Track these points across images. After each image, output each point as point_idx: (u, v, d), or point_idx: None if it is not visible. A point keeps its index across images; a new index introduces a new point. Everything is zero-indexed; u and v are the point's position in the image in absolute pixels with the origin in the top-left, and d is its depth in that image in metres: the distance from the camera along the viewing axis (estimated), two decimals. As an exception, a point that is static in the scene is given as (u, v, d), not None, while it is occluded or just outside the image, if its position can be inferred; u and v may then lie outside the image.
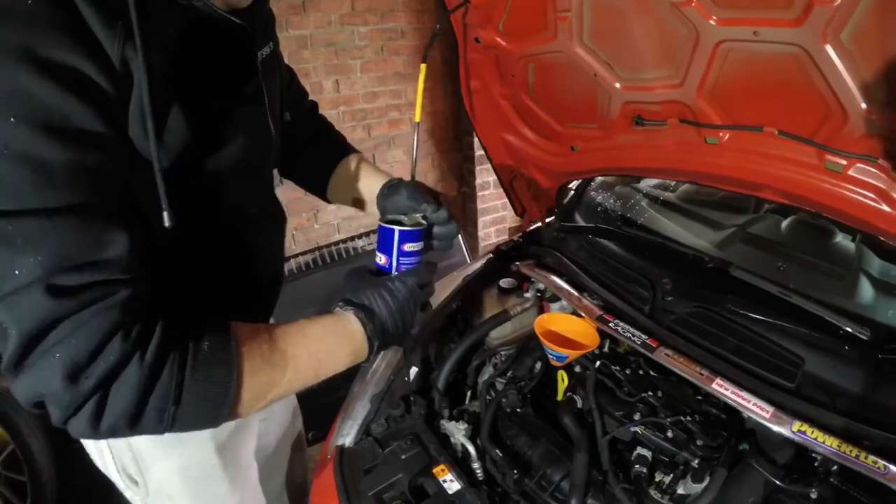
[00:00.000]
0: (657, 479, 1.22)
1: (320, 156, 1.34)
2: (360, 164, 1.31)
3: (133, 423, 0.71)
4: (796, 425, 1.10)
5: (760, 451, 1.17)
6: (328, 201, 1.38)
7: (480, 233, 4.20)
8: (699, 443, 1.21)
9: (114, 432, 0.71)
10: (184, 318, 0.76)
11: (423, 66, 1.24)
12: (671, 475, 1.21)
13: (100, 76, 0.66)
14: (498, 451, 1.35)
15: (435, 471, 1.25)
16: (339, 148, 1.35)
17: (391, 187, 1.21)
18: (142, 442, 1.06)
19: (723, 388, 1.18)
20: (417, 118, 1.21)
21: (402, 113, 3.85)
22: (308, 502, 1.36)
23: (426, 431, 1.35)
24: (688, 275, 1.48)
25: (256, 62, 0.95)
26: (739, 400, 1.15)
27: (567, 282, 1.61)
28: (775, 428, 1.11)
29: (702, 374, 1.22)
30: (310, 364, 0.88)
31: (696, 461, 1.19)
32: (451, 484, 1.24)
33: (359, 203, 1.32)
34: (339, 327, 0.93)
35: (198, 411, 0.76)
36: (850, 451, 1.04)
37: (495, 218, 4.23)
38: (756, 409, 1.13)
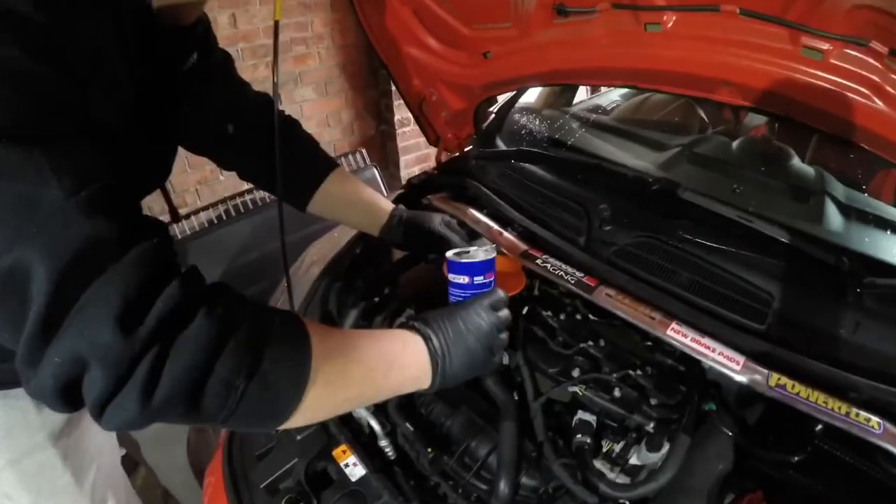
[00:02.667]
0: (605, 449, 0.97)
1: (299, 171, 1.16)
2: (352, 184, 1.21)
3: (193, 398, 0.57)
4: (773, 378, 0.86)
5: (726, 409, 0.93)
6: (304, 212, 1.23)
7: (403, 173, 3.83)
8: (653, 401, 0.96)
9: (165, 412, 0.56)
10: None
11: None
12: (622, 443, 0.96)
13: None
14: (408, 424, 1.07)
15: (335, 453, 1.02)
16: (319, 163, 1.20)
17: (409, 222, 1.17)
18: None
19: (680, 335, 0.92)
20: (277, 16, 0.96)
21: (308, 47, 3.39)
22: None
23: None
24: (628, 199, 1.20)
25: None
26: (702, 349, 0.90)
27: (487, 215, 1.31)
28: (747, 381, 0.86)
29: (653, 318, 0.96)
30: (385, 386, 0.77)
31: (651, 425, 0.94)
32: (355, 468, 1.00)
33: (352, 223, 1.29)
34: (409, 347, 0.80)
35: (268, 397, 0.63)
36: (839, 408, 0.81)
37: (419, 156, 3.86)
38: (723, 359, 0.88)
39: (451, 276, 0.97)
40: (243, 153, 1.12)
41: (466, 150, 1.68)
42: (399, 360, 0.78)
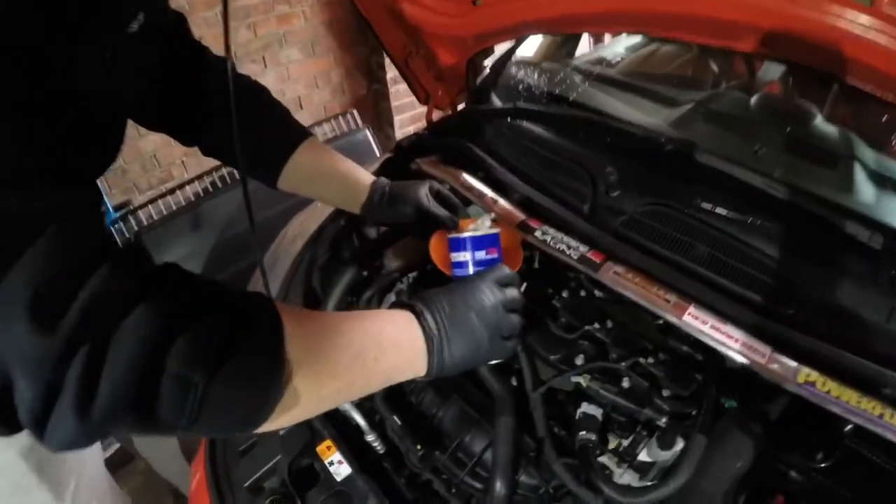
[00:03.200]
0: (612, 446, 0.87)
1: (265, 142, 1.01)
2: (326, 156, 1.04)
3: (143, 403, 0.47)
4: (802, 374, 0.75)
5: (748, 404, 0.82)
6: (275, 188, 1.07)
7: (398, 133, 3.63)
8: (666, 393, 0.85)
9: (112, 423, 0.47)
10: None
11: None
12: (630, 437, 0.86)
13: None
14: (395, 417, 0.97)
15: (319, 449, 0.95)
16: (289, 132, 1.04)
17: (392, 197, 1.02)
18: None
19: (698, 322, 0.81)
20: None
21: (292, 6, 3.15)
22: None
23: None
24: (638, 162, 1.07)
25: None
26: (723, 338, 0.78)
27: (481, 180, 1.18)
28: (774, 378, 0.75)
29: (667, 301, 0.84)
30: (377, 373, 0.67)
31: (664, 420, 0.84)
32: (340, 467, 0.93)
33: (328, 199, 1.15)
34: (401, 327, 0.71)
35: (238, 395, 0.53)
36: (872, 408, 0.70)
37: (414, 115, 3.66)
38: (747, 350, 0.77)
39: (452, 255, 0.86)
40: (201, 126, 0.99)
41: (459, 108, 1.53)
42: (390, 342, 0.68)
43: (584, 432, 0.85)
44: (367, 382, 0.67)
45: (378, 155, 2.86)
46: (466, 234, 0.86)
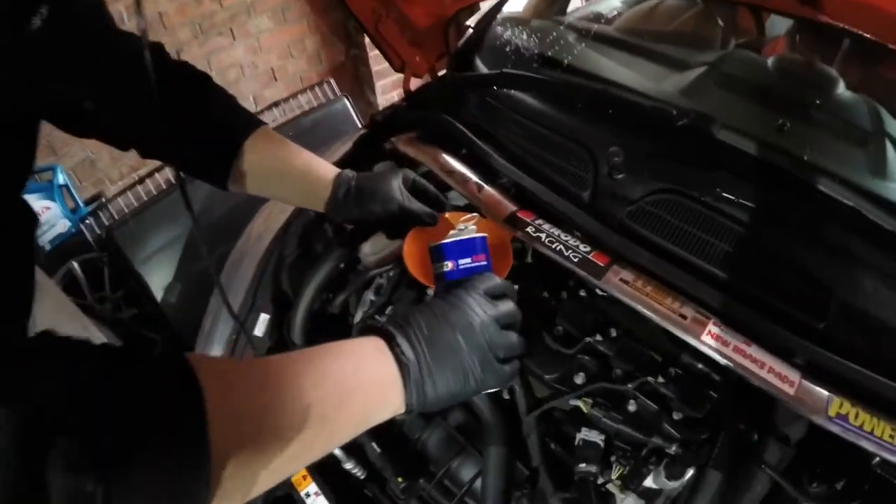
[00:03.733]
0: (615, 476, 0.75)
1: (207, 139, 0.86)
2: (279, 149, 0.88)
3: None
4: (835, 405, 0.63)
5: (769, 434, 0.71)
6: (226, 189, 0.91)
7: (380, 100, 3.42)
8: (677, 416, 0.73)
9: None
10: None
11: None
12: (635, 465, 0.74)
13: None
14: (374, 444, 0.85)
15: (295, 479, 0.86)
16: (235, 126, 0.87)
17: (360, 192, 0.86)
18: None
19: (720, 343, 0.68)
20: None
21: (259, -28, 2.91)
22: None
23: None
24: (647, 139, 0.92)
25: None
26: (749, 364, 0.66)
27: (463, 161, 1.03)
28: (803, 410, 0.64)
29: (684, 317, 0.71)
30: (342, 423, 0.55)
31: (674, 447, 0.72)
32: (317, 499, 0.85)
33: (287, 198, 1.00)
34: (366, 359, 0.58)
35: (155, 492, 0.40)
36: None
37: (395, 80, 3.41)
38: (774, 378, 0.65)
39: (433, 267, 0.73)
40: (133, 125, 0.83)
41: (441, 74, 1.36)
42: (355, 382, 0.55)
43: (583, 464, 0.74)
44: (332, 437, 0.55)
45: (359, 125, 2.67)
46: (448, 240, 0.72)
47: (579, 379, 0.78)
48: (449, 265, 0.71)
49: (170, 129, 0.77)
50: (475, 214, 0.82)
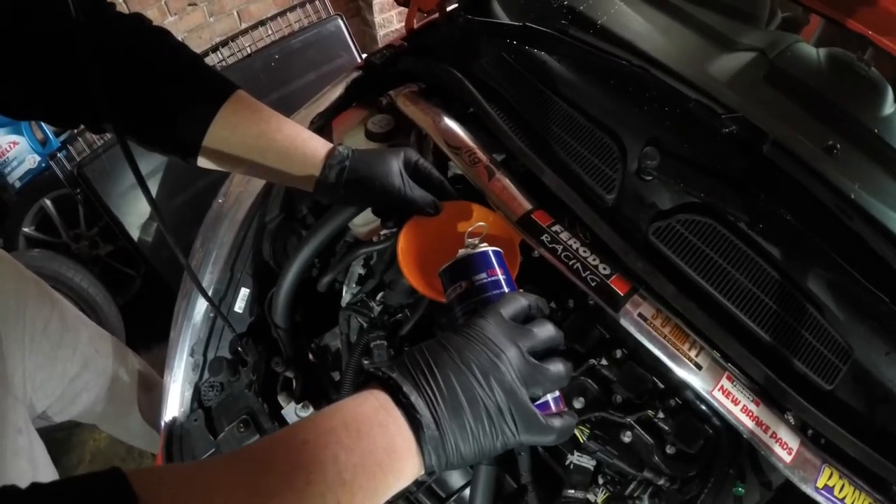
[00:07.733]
0: (600, 498, 0.72)
1: (169, 110, 0.71)
2: (258, 120, 0.73)
3: None
4: (824, 476, 0.62)
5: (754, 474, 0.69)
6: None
7: (377, 19, 2.91)
8: (670, 451, 0.70)
9: None
10: None
11: None
12: (621, 490, 0.73)
13: None
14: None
15: None
16: (203, 94, 0.72)
17: (355, 174, 0.74)
18: None
19: (730, 400, 0.65)
20: None
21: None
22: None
23: (263, 411, 0.92)
24: (686, 141, 0.81)
25: None
26: (753, 426, 0.64)
27: (468, 132, 0.89)
28: (794, 480, 0.63)
29: (699, 367, 0.65)
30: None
31: (663, 481, 0.70)
32: None
33: (270, 178, 0.84)
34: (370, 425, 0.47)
35: None
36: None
37: (395, -3, 3.02)
38: (776, 445, 0.63)
39: (446, 294, 0.62)
40: (78, 101, 0.68)
41: (450, 9, 1.18)
42: (354, 462, 0.45)
43: (572, 490, 0.72)
44: None
45: (353, 48, 2.42)
46: (458, 258, 0.61)
47: (578, 403, 0.74)
48: (463, 285, 0.60)
49: (115, 97, 0.63)
50: (482, 224, 0.70)
